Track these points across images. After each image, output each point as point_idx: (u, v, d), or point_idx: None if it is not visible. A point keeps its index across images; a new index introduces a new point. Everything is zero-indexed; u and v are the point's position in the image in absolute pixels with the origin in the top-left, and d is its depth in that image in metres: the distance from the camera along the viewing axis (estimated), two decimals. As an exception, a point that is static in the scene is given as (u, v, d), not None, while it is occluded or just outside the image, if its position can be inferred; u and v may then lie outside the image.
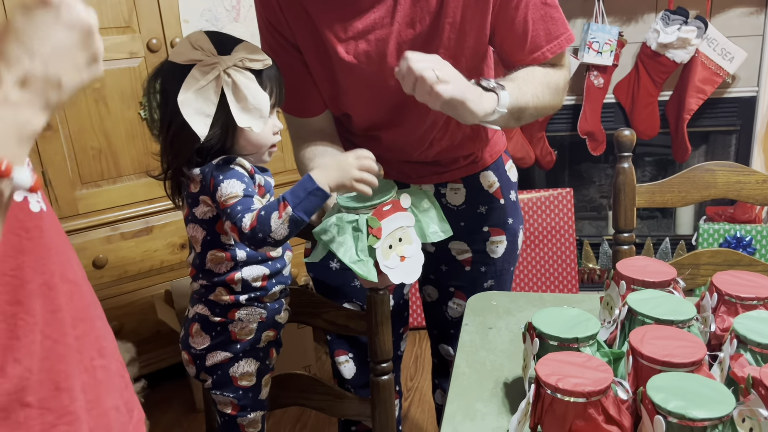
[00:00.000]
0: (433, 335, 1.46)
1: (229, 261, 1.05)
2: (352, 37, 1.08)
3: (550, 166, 2.65)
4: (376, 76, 1.11)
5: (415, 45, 1.08)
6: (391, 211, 0.97)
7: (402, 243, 0.98)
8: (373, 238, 0.94)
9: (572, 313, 0.90)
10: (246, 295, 1.07)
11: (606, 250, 2.72)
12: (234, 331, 1.08)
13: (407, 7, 1.06)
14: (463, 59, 1.11)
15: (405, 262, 0.98)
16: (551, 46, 1.11)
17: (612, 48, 2.42)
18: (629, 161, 1.22)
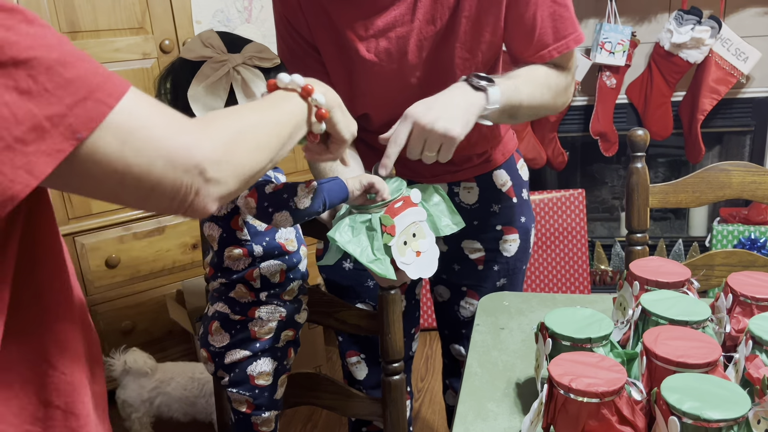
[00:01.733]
0: (444, 335, 1.46)
1: (246, 257, 1.05)
2: (372, 35, 1.08)
3: (562, 167, 2.64)
4: (396, 73, 1.11)
5: (435, 41, 1.09)
6: (402, 207, 0.97)
7: (416, 238, 0.98)
8: (387, 236, 0.94)
9: (585, 313, 0.90)
10: (265, 292, 1.07)
11: (618, 251, 2.70)
12: (254, 329, 1.08)
13: (427, 4, 1.06)
14: (479, 53, 1.11)
15: (421, 257, 0.98)
16: (558, 45, 1.10)
17: (624, 48, 2.40)
18: (642, 161, 1.22)
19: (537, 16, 1.07)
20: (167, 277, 2.17)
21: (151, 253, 2.12)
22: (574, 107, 2.60)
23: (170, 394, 1.78)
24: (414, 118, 0.95)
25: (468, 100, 0.98)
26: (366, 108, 1.19)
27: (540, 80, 1.09)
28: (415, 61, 1.10)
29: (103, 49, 1.93)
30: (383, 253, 0.94)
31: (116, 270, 2.07)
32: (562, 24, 1.09)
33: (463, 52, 1.10)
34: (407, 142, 0.97)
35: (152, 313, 2.17)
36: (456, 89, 1.00)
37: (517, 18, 1.08)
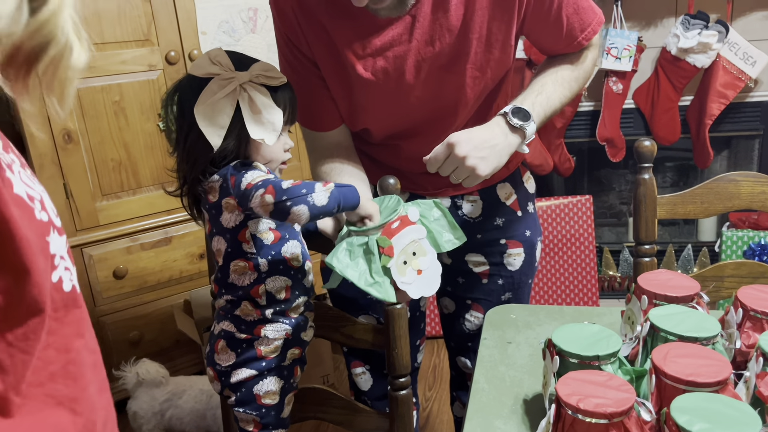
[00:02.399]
0: (450, 347, 1.45)
1: (252, 271, 1.05)
2: (370, 54, 1.09)
3: (569, 173, 2.63)
4: (395, 92, 1.12)
5: (436, 62, 1.09)
6: (400, 227, 0.96)
7: (416, 256, 0.97)
8: (385, 257, 0.93)
9: (593, 329, 0.89)
10: (271, 309, 1.07)
11: (627, 257, 2.68)
12: (260, 348, 1.07)
13: (426, 25, 1.07)
14: (489, 71, 1.13)
15: (422, 275, 0.98)
16: (586, 33, 1.15)
17: (631, 53, 2.39)
18: (650, 172, 1.21)
19: (562, 16, 1.11)
20: (174, 287, 2.18)
21: (159, 263, 2.12)
22: (580, 113, 2.59)
23: (182, 407, 1.78)
24: (453, 147, 1.01)
25: (507, 141, 1.05)
26: (366, 123, 1.19)
27: (569, 76, 1.16)
28: (412, 81, 1.11)
29: (110, 62, 1.94)
30: (382, 276, 0.94)
31: (124, 281, 2.07)
32: (585, 14, 1.13)
33: (473, 71, 1.12)
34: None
35: (160, 324, 2.17)
36: (496, 127, 1.05)
37: (542, 23, 1.12)
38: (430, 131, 1.18)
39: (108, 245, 2.03)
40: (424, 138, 1.18)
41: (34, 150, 1.87)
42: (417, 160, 1.21)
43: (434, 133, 1.17)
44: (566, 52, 1.18)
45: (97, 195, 2.00)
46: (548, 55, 1.22)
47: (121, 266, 2.05)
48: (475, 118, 1.19)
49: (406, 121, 1.18)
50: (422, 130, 1.19)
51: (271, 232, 1.06)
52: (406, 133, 1.20)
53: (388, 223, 0.96)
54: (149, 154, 2.06)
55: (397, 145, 1.23)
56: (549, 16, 1.10)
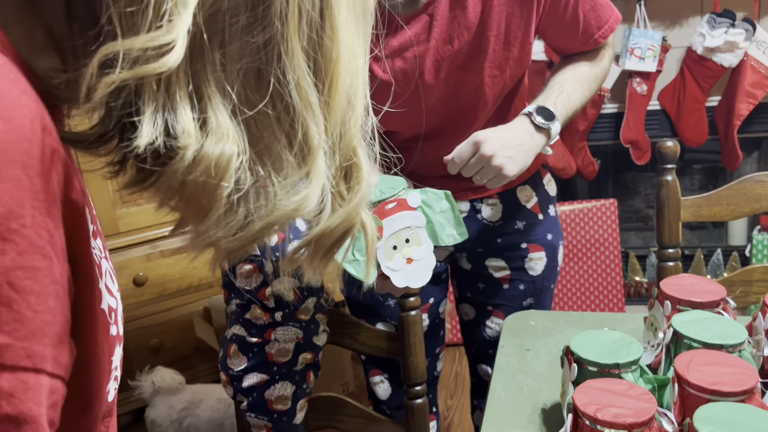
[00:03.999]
0: (470, 354, 1.42)
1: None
2: (388, 55, 1.07)
3: (593, 177, 2.58)
4: (414, 94, 1.10)
5: (455, 61, 1.07)
6: (395, 209, 0.92)
7: (410, 244, 0.92)
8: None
9: (613, 336, 0.86)
10: (280, 312, 1.06)
11: (653, 262, 2.62)
12: (270, 352, 1.07)
13: (444, 23, 1.05)
14: (507, 69, 1.11)
15: (412, 264, 0.92)
16: (602, 31, 1.13)
17: (655, 53, 2.34)
18: (673, 173, 1.17)
19: (579, 13, 1.09)
20: (194, 294, 2.18)
21: (178, 270, 2.13)
22: (604, 115, 2.54)
23: (199, 416, 1.78)
24: (480, 144, 0.98)
25: (533, 142, 1.03)
26: (387, 126, 1.18)
27: (587, 76, 1.14)
28: (432, 81, 1.09)
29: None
30: (364, 255, 0.87)
31: (144, 288, 2.08)
32: (602, 11, 1.11)
33: (492, 70, 1.09)
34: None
35: (180, 331, 2.17)
36: (521, 126, 1.03)
37: (557, 21, 1.09)
38: (449, 133, 1.15)
39: (128, 253, 2.04)
40: (441, 140, 1.16)
41: (56, 159, 1.89)
42: (434, 163, 1.19)
43: (452, 135, 1.14)
44: (582, 50, 1.16)
45: (117, 202, 2.01)
46: (563, 55, 1.20)
47: (141, 274, 2.06)
48: (493, 120, 1.16)
49: (423, 123, 1.16)
50: (440, 132, 1.16)
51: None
52: (423, 136, 1.18)
53: (382, 202, 0.92)
54: (169, 161, 2.07)
55: (412, 148, 1.21)
56: (565, 13, 1.08)
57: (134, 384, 1.80)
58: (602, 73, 1.17)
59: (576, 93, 1.11)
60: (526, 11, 1.05)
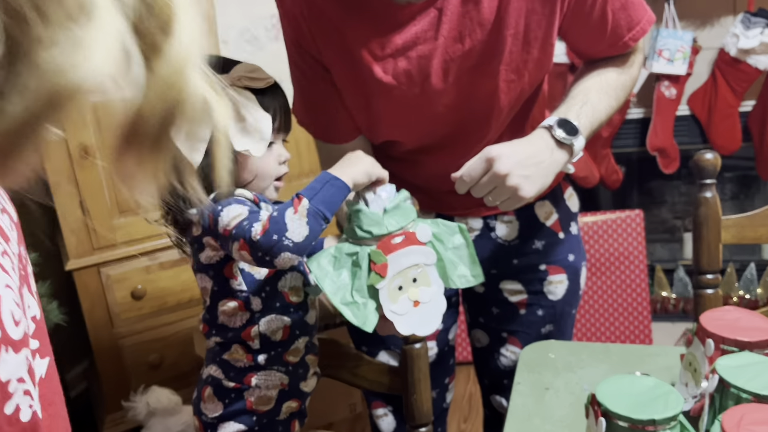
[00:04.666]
0: (483, 385, 1.30)
1: (243, 311, 0.92)
2: (390, 54, 0.95)
3: (617, 186, 2.44)
4: (419, 98, 0.98)
5: (466, 62, 0.95)
6: (402, 244, 0.80)
7: (417, 284, 0.80)
8: (375, 275, 0.77)
9: (646, 383, 0.73)
10: (265, 355, 0.93)
11: (681, 276, 2.48)
12: (250, 399, 0.94)
13: (454, 19, 0.92)
14: (526, 73, 0.98)
15: (419, 308, 0.80)
16: (633, 33, 1.00)
17: (685, 55, 2.20)
18: (713, 189, 1.04)
19: (607, 11, 0.96)
20: (195, 308, 2.08)
21: (178, 283, 2.03)
22: (629, 120, 2.40)
23: (194, 437, 1.68)
24: (493, 161, 0.87)
25: (552, 158, 0.92)
26: (389, 135, 1.06)
27: (614, 84, 1.01)
28: (440, 85, 0.96)
29: (127, 74, 1.86)
30: (366, 296, 0.77)
31: (142, 302, 1.99)
32: (633, 11, 0.98)
33: (508, 73, 0.96)
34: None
35: (180, 346, 2.08)
36: (540, 141, 0.92)
37: (584, 20, 0.97)
38: (458, 145, 1.04)
39: (126, 264, 1.95)
40: (450, 153, 1.04)
41: (50, 166, 1.80)
42: (440, 177, 1.06)
43: (462, 147, 1.02)
44: (609, 54, 1.03)
45: (115, 212, 1.92)
46: (587, 60, 1.07)
47: (140, 286, 1.97)
48: (508, 133, 1.04)
49: (430, 133, 1.04)
50: (449, 143, 1.05)
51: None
52: (430, 147, 1.06)
53: (389, 236, 0.80)
54: (169, 169, 1.98)
55: (419, 161, 1.09)
56: (593, 11, 0.95)
57: (128, 405, 1.70)
58: (631, 81, 1.04)
59: (601, 104, 0.99)
60: (549, 8, 0.92)
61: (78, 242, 1.87)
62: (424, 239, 0.81)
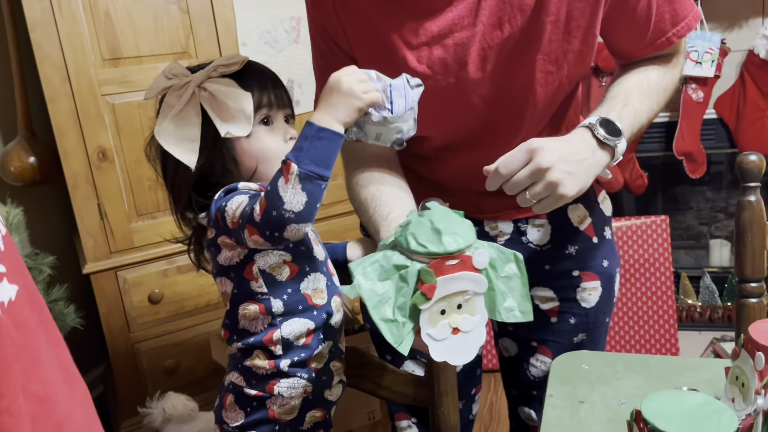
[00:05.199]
0: (511, 396, 1.25)
1: (264, 315, 0.89)
2: (424, 42, 0.91)
3: (641, 191, 2.39)
4: (454, 88, 0.93)
5: (504, 50, 0.90)
6: (456, 268, 0.73)
7: (461, 311, 0.74)
8: (421, 296, 0.71)
9: (695, 399, 0.69)
10: (288, 360, 0.90)
11: (708, 284, 2.41)
12: (272, 408, 0.90)
13: (493, 4, 0.88)
14: (565, 65, 0.93)
15: (458, 336, 0.74)
16: (678, 29, 0.94)
17: (713, 57, 2.15)
18: (757, 193, 0.99)
19: (652, 3, 0.91)
20: (212, 312, 2.06)
21: (196, 287, 2.01)
22: (654, 124, 2.35)
23: (211, 445, 1.65)
24: (535, 152, 0.80)
25: (595, 159, 0.86)
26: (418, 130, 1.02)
27: (656, 86, 0.95)
28: (477, 74, 0.92)
29: (146, 76, 1.85)
30: (406, 315, 0.72)
31: (159, 306, 1.97)
32: (679, 4, 0.93)
33: (546, 64, 0.91)
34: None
35: (197, 352, 2.05)
36: (581, 141, 0.86)
37: (629, 11, 0.92)
38: (489, 142, 0.99)
39: (143, 268, 1.93)
40: (480, 150, 0.99)
41: (68, 169, 1.79)
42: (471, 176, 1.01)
43: (493, 144, 0.97)
44: (651, 53, 0.98)
45: (133, 215, 1.90)
46: (624, 59, 1.01)
47: (157, 290, 1.95)
48: (544, 133, 1.00)
49: (462, 127, 0.99)
50: (480, 139, 1.00)
51: (287, 265, 0.89)
52: (459, 144, 1.01)
53: (444, 256, 0.73)
54: (187, 172, 1.96)
55: (447, 159, 1.05)
56: (638, 6, 0.91)
57: (144, 411, 1.68)
58: (672, 83, 0.99)
59: (643, 105, 0.93)
60: None
61: (96, 245, 1.85)
62: (479, 266, 0.74)
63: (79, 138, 1.78)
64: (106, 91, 1.80)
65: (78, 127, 1.78)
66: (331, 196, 2.12)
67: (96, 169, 1.82)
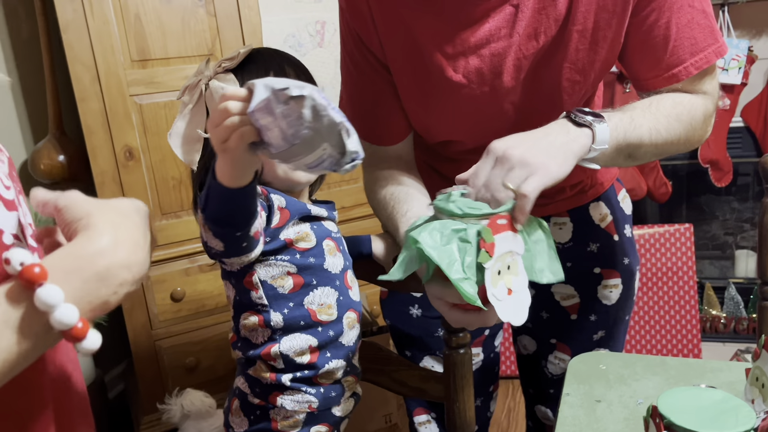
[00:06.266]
0: (528, 394, 1.25)
1: (263, 328, 0.85)
2: (461, 52, 0.92)
3: (665, 199, 2.36)
4: (488, 97, 0.94)
5: (537, 59, 0.91)
6: (505, 227, 0.72)
7: (510, 272, 0.73)
8: (485, 254, 0.69)
9: (713, 396, 0.68)
10: (290, 375, 0.86)
11: (733, 294, 2.37)
12: (275, 419, 0.87)
13: (530, 15, 0.88)
14: (592, 74, 0.91)
15: (512, 296, 0.73)
16: (696, 59, 0.88)
17: (740, 64, 2.13)
18: (780, 195, 0.98)
19: (672, 25, 0.87)
20: (233, 312, 2.07)
21: (217, 287, 2.03)
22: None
23: (228, 442, 1.66)
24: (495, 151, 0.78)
25: (568, 136, 0.80)
26: (447, 135, 1.02)
27: (665, 111, 0.88)
28: (511, 83, 0.92)
29: (173, 77, 1.88)
30: (474, 273, 0.70)
31: (181, 304, 1.99)
32: (700, 33, 0.88)
33: (572, 73, 0.91)
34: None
35: (216, 350, 2.07)
36: (554, 125, 0.83)
37: (645, 30, 0.88)
38: None
39: (166, 266, 1.96)
40: None
41: (96, 167, 1.83)
42: None
43: None
44: (667, 84, 0.91)
45: (157, 214, 1.93)
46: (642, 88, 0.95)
47: (179, 289, 1.97)
48: None
49: (492, 132, 0.98)
50: None
51: (290, 277, 0.85)
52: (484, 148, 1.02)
53: (496, 215, 0.73)
54: (211, 172, 1.99)
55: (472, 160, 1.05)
56: (659, 19, 0.87)
57: (163, 408, 1.69)
58: (688, 116, 0.90)
59: (644, 120, 0.86)
60: (621, 6, 0.86)
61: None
62: (518, 227, 0.74)
63: (107, 137, 1.82)
64: (134, 91, 1.84)
65: (106, 126, 1.82)
66: (351, 198, 2.14)
67: (123, 167, 1.86)
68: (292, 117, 0.61)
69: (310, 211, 0.88)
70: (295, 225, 0.86)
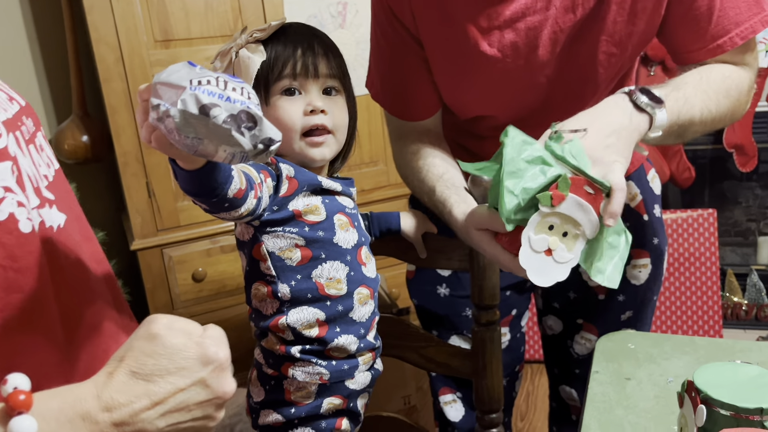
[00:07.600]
0: (552, 374, 1.25)
1: (271, 299, 0.85)
2: (497, 26, 0.91)
3: (688, 184, 2.34)
4: (523, 71, 0.93)
5: (573, 32, 0.90)
6: (590, 199, 0.70)
7: (564, 240, 0.71)
8: (548, 197, 0.68)
9: (750, 371, 0.68)
10: (299, 347, 0.86)
11: (755, 281, 2.35)
12: (289, 389, 0.87)
13: None
14: (629, 47, 0.90)
15: (547, 259, 0.71)
16: (742, 29, 0.86)
17: (767, 47, 2.09)
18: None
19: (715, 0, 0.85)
20: (254, 293, 2.09)
21: (238, 267, 2.04)
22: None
23: (249, 421, 1.67)
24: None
25: (633, 126, 0.78)
26: (479, 110, 1.01)
27: (716, 86, 0.87)
28: (546, 57, 0.91)
29: (196, 58, 1.88)
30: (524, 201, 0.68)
31: (202, 284, 2.01)
32: (744, 1, 0.86)
33: (609, 46, 0.89)
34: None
35: (237, 331, 2.07)
36: (617, 108, 0.79)
37: (686, 7, 0.86)
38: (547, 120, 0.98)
39: (188, 246, 1.97)
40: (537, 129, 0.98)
41: (119, 148, 1.84)
42: None
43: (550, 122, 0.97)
44: (711, 56, 0.90)
45: (179, 194, 1.94)
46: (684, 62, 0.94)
47: (200, 269, 1.98)
48: None
49: (525, 106, 0.98)
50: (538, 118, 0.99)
51: (298, 249, 0.84)
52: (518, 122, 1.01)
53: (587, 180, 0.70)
54: (232, 153, 1.99)
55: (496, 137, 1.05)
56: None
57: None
58: (737, 89, 0.89)
59: (696, 99, 0.85)
60: None
61: (143, 223, 1.90)
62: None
63: (130, 117, 1.83)
64: (157, 71, 1.84)
65: (130, 106, 1.82)
66: (372, 181, 2.13)
67: (145, 148, 1.87)
68: (172, 129, 0.57)
69: (320, 183, 0.86)
70: (306, 197, 0.85)
